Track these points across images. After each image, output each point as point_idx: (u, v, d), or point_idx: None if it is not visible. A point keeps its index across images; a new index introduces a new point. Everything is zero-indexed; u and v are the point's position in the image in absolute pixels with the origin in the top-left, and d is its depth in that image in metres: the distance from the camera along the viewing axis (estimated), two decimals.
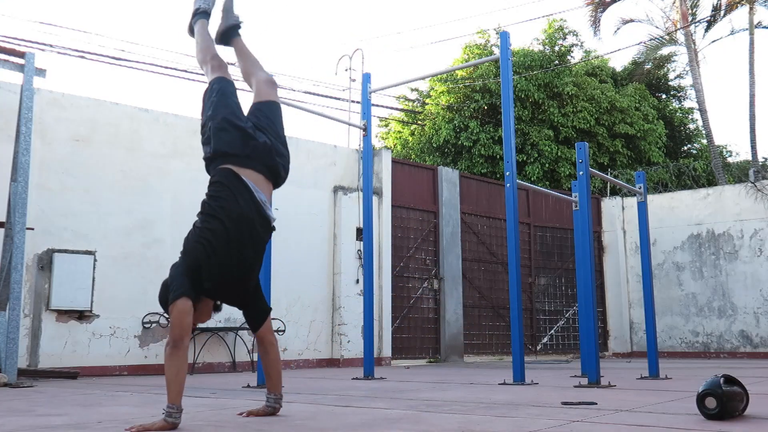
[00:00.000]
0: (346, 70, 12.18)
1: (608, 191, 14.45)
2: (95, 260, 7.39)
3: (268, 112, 3.35)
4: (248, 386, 5.36)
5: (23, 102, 6.09)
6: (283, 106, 3.62)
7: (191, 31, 3.65)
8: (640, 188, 6.84)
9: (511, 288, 5.77)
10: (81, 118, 7.59)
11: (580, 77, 16.31)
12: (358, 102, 9.34)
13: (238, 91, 3.46)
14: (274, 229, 3.24)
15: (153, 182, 7.98)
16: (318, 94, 15.27)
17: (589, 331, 5.70)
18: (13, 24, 34.76)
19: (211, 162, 3.18)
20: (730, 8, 17.80)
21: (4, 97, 7.00)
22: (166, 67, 13.59)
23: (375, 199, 9.58)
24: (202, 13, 3.62)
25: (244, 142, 3.14)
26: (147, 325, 7.52)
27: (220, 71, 3.39)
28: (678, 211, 12.58)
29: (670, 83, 20.51)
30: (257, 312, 3.20)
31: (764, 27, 18.09)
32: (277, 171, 3.25)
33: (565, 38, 17.40)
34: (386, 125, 19.09)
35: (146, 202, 7.89)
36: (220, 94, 3.26)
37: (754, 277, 11.71)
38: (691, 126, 19.97)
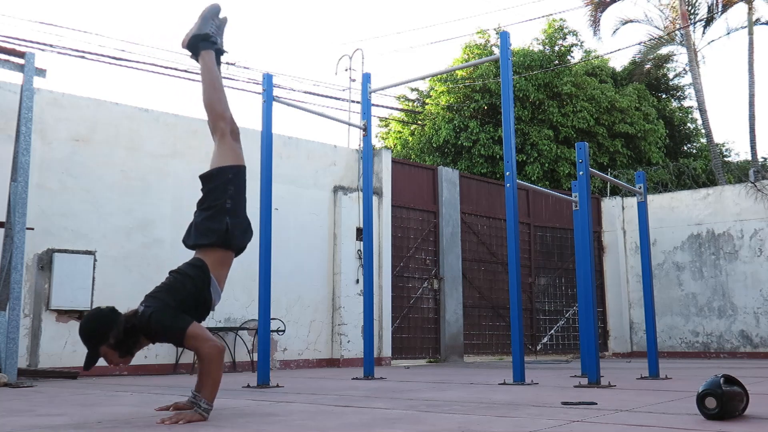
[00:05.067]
0: (346, 70, 12.18)
1: (608, 191, 14.45)
2: (95, 260, 7.39)
3: (244, 181, 3.56)
4: (248, 386, 5.36)
5: (23, 102, 6.08)
6: (283, 107, 3.69)
7: (191, 48, 3.67)
8: (640, 188, 6.84)
9: (511, 288, 5.77)
10: (81, 118, 7.59)
11: (580, 77, 16.31)
12: (358, 102, 9.35)
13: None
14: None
15: (153, 182, 7.98)
16: (318, 94, 15.27)
17: (589, 331, 5.70)
18: (13, 24, 34.75)
19: (224, 239, 3.36)
20: (725, 7, 17.80)
21: (4, 97, 7.00)
22: (166, 67, 13.59)
23: (375, 199, 9.58)
24: (212, 44, 3.66)
25: (248, 238, 3.54)
26: None
27: (236, 152, 3.53)
28: (678, 211, 12.58)
29: (669, 83, 20.52)
30: None
31: (763, 23, 18.08)
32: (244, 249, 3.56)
33: (565, 38, 17.40)
34: (386, 125, 19.09)
35: (146, 202, 7.89)
36: (241, 187, 3.49)
37: (754, 277, 11.71)
38: (691, 126, 19.97)
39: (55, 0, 40.35)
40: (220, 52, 3.71)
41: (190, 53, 3.71)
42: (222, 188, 3.40)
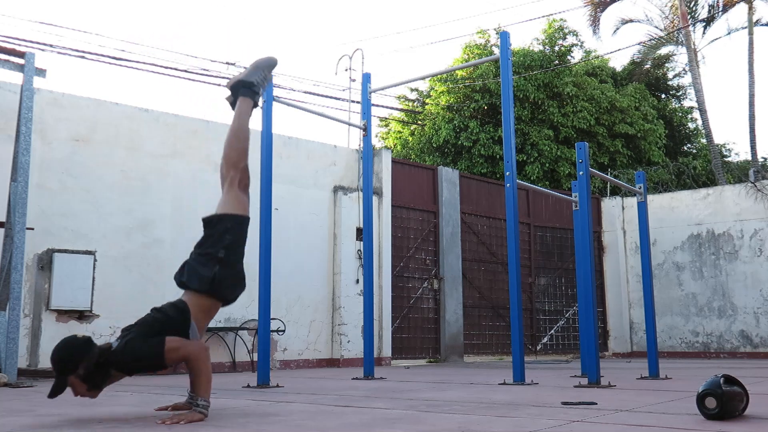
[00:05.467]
0: (346, 70, 12.18)
1: (608, 191, 14.45)
2: (95, 260, 7.39)
3: (244, 232, 3.50)
4: (248, 386, 5.36)
5: (23, 102, 6.08)
6: (283, 107, 3.70)
7: (232, 91, 3.70)
8: (640, 188, 6.84)
9: (511, 288, 5.77)
10: (81, 118, 7.59)
11: (580, 77, 16.31)
12: (358, 102, 9.34)
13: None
14: None
15: (153, 182, 7.98)
16: (318, 94, 15.27)
17: (589, 331, 5.70)
18: (13, 24, 34.76)
19: (209, 287, 3.32)
20: (726, 7, 17.80)
21: (4, 97, 7.00)
22: (166, 67, 13.58)
23: (375, 199, 9.58)
24: (253, 93, 3.68)
25: (239, 291, 3.48)
26: None
27: (241, 202, 3.49)
28: (678, 211, 12.58)
29: (669, 83, 20.52)
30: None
31: (763, 24, 18.08)
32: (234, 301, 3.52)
33: (565, 38, 17.40)
34: (386, 125, 19.09)
35: (146, 202, 7.89)
36: (238, 238, 3.44)
37: (754, 277, 11.71)
38: (691, 126, 19.97)
39: (55, 0, 40.37)
40: (256, 105, 3.76)
41: (229, 93, 3.73)
42: (219, 236, 3.36)
